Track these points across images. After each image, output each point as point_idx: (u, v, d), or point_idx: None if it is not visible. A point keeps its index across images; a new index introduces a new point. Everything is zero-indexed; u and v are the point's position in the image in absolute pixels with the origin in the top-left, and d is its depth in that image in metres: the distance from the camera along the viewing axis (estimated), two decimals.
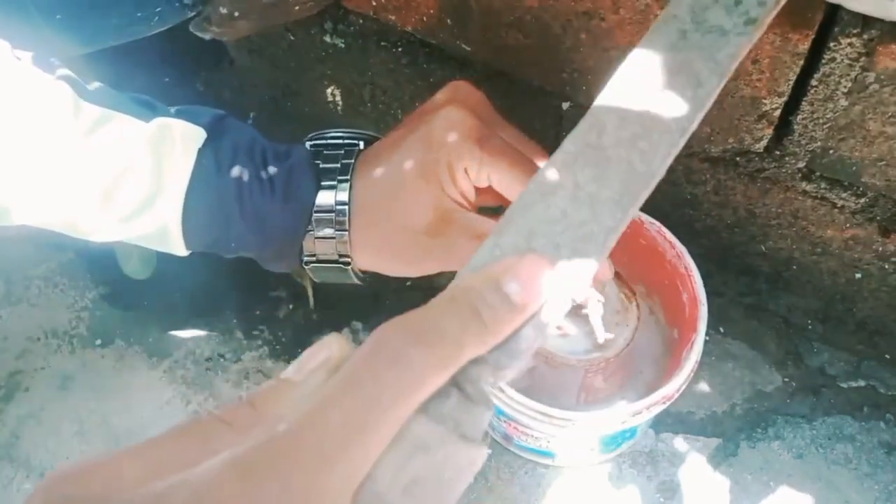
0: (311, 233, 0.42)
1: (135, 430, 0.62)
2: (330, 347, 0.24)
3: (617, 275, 0.55)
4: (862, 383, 0.62)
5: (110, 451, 0.20)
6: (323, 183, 0.42)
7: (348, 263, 0.44)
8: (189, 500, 0.19)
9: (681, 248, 0.53)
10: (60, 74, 0.40)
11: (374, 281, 0.68)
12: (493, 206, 0.46)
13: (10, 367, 0.65)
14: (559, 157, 0.29)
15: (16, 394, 0.64)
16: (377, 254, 0.44)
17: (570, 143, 0.29)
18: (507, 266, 0.25)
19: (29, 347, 0.66)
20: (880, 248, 0.55)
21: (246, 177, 0.41)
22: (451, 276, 0.27)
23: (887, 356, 0.62)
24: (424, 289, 0.67)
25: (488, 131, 0.42)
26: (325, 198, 0.42)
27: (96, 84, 0.41)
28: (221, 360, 0.65)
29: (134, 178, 0.40)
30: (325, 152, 0.44)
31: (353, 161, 0.43)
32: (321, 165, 0.43)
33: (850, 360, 0.63)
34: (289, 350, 0.65)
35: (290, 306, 0.68)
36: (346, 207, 0.42)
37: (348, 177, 0.42)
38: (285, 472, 0.19)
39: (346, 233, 0.42)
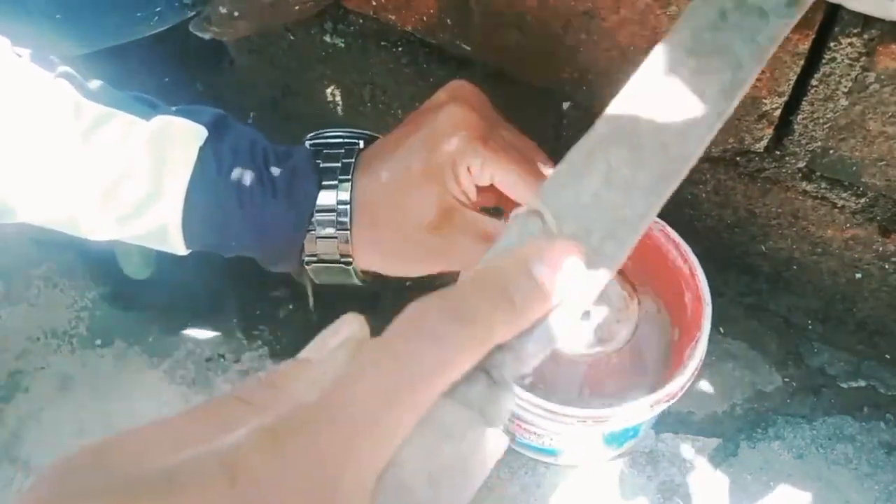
0: (313, 232, 0.42)
1: None
2: (350, 326, 0.23)
3: (618, 271, 0.55)
4: (862, 383, 0.62)
5: (129, 428, 0.20)
6: (324, 182, 0.42)
7: (349, 263, 0.44)
8: (219, 468, 0.18)
9: (685, 247, 0.54)
10: (61, 72, 0.40)
11: (374, 281, 0.68)
12: (492, 207, 0.46)
13: (10, 367, 0.65)
14: (591, 139, 0.28)
15: (16, 394, 0.64)
16: (379, 252, 0.44)
17: (602, 125, 0.28)
18: (538, 249, 0.24)
19: (29, 347, 0.66)
20: (880, 248, 0.55)
21: (247, 177, 0.41)
22: (451, 276, 0.27)
23: (887, 356, 0.62)
24: (424, 289, 0.67)
25: (491, 130, 0.42)
26: (326, 198, 0.42)
27: (97, 82, 0.41)
28: (221, 360, 0.65)
29: (134, 175, 0.40)
30: (325, 152, 0.44)
31: (353, 160, 0.43)
32: (322, 165, 0.43)
33: (850, 360, 0.63)
34: (289, 350, 0.65)
35: (290, 306, 0.68)
36: (348, 207, 0.42)
37: (349, 176, 0.42)
38: (315, 440, 0.19)
39: (348, 232, 0.42)
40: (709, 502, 0.57)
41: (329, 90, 0.71)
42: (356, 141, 0.45)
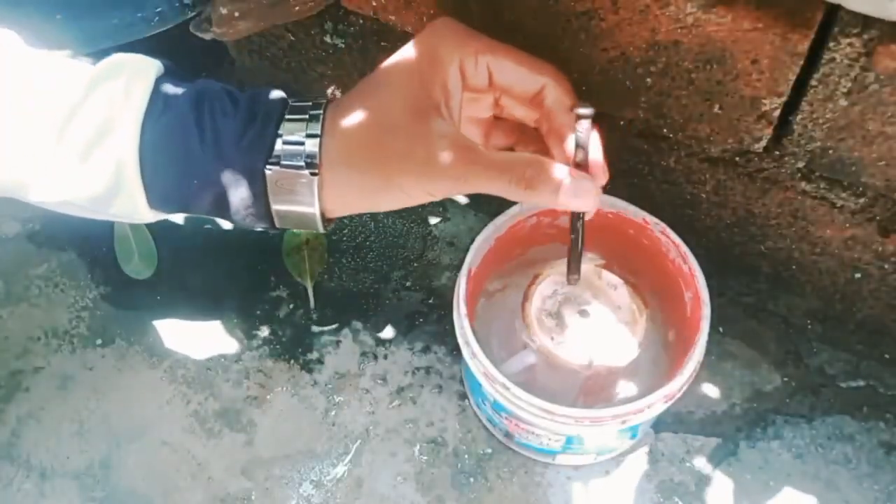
0: (280, 137, 0.40)
1: (135, 429, 0.62)
2: None
3: (631, 284, 0.55)
4: (861, 383, 0.62)
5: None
6: (292, 103, 0.41)
7: (315, 174, 0.40)
8: None
9: (685, 248, 0.54)
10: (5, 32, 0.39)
11: (375, 280, 0.68)
12: (507, 147, 0.47)
13: (10, 367, 0.65)
14: None
15: (16, 394, 0.64)
16: (351, 157, 0.40)
17: None
18: None
19: (29, 347, 0.66)
20: (880, 249, 0.55)
21: (206, 102, 0.39)
22: (449, 275, 0.27)
23: (887, 356, 0.63)
24: (424, 289, 0.67)
25: (479, 35, 0.42)
26: (295, 108, 0.41)
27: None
28: (221, 360, 0.65)
29: (86, 109, 0.38)
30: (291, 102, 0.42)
31: (324, 101, 0.42)
32: (292, 103, 0.41)
33: (849, 360, 0.63)
34: (289, 350, 0.65)
35: (290, 306, 0.68)
36: (321, 112, 0.40)
37: (322, 101, 0.41)
38: None
39: (318, 138, 0.40)
40: (708, 502, 0.57)
41: (329, 90, 0.71)
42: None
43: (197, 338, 0.66)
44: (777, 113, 0.49)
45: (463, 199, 0.72)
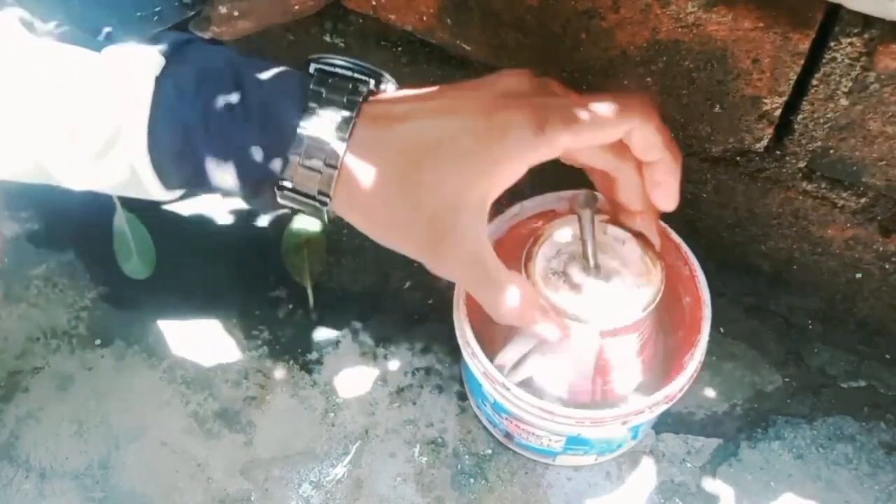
0: (298, 159, 0.38)
1: (135, 430, 0.62)
2: None
3: (640, 235, 0.50)
4: (862, 383, 0.62)
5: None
6: (321, 112, 0.38)
7: (325, 203, 0.40)
8: None
9: (686, 248, 0.53)
10: (8, 12, 0.38)
11: (375, 280, 0.68)
12: None
13: (10, 367, 0.65)
14: None
15: (15, 394, 0.64)
16: (361, 211, 0.40)
17: None
18: None
19: (28, 347, 0.66)
20: (881, 248, 0.55)
21: (214, 104, 0.38)
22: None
23: (888, 356, 0.62)
24: (425, 289, 0.67)
25: (552, 134, 0.39)
26: (323, 126, 0.38)
27: (49, 21, 0.39)
28: (221, 360, 0.65)
29: (92, 116, 0.37)
30: (330, 81, 0.40)
31: (360, 99, 0.39)
32: (325, 95, 0.39)
33: (850, 361, 0.63)
34: (289, 350, 0.65)
35: (290, 306, 0.68)
36: (345, 144, 0.38)
37: (353, 114, 0.39)
38: None
39: (335, 172, 0.38)
40: (709, 502, 0.57)
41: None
42: (366, 78, 0.41)
43: (196, 338, 0.66)
44: (778, 112, 0.49)
45: None
